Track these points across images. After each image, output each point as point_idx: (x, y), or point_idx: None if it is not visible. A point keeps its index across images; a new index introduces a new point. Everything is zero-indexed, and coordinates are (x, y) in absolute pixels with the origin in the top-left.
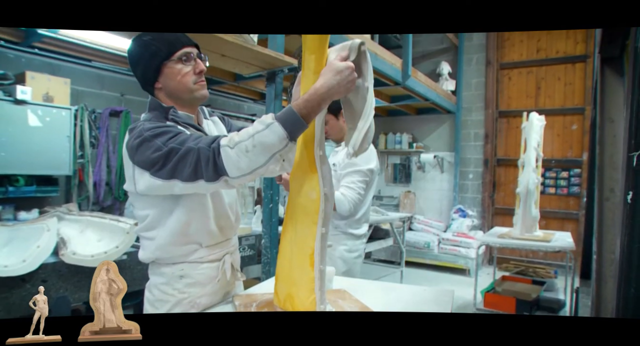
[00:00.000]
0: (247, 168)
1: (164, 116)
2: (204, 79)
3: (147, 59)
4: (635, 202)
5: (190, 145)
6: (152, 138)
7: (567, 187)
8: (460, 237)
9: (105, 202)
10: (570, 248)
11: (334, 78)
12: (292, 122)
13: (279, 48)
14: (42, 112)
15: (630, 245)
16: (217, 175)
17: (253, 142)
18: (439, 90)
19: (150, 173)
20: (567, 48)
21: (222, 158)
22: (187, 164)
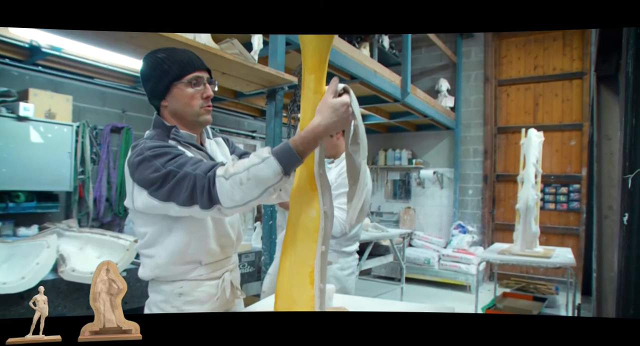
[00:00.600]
0: (240, 200)
1: (166, 134)
2: (210, 104)
3: (157, 76)
4: (631, 224)
5: (188, 170)
6: (151, 158)
7: (567, 203)
8: (460, 253)
9: (105, 218)
10: (571, 264)
11: (331, 116)
12: (287, 157)
13: (279, 66)
14: (44, 129)
15: (628, 265)
16: (211, 203)
17: (248, 174)
18: (437, 107)
19: (148, 192)
20: (563, 65)
21: (216, 188)
22: (183, 189)
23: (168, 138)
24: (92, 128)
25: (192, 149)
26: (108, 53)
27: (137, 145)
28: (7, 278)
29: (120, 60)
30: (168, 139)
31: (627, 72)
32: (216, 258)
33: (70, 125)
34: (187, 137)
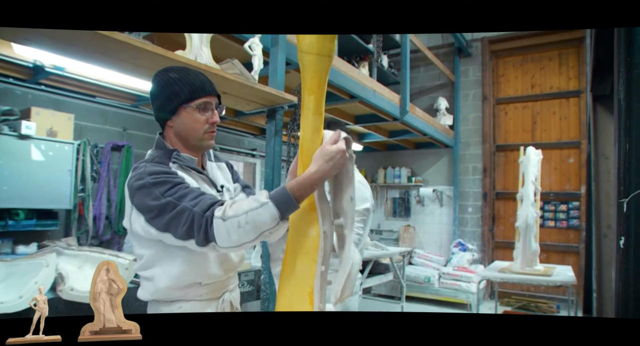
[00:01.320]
0: (236, 242)
1: (167, 157)
2: (215, 129)
3: (166, 96)
4: (627, 247)
5: (187, 204)
6: (151, 186)
7: (567, 220)
8: (460, 271)
9: (104, 236)
10: (571, 283)
11: (327, 164)
12: (284, 203)
13: (279, 86)
14: (45, 147)
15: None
16: (206, 242)
17: (246, 218)
18: (436, 125)
19: (145, 218)
20: (560, 84)
21: (213, 228)
22: (181, 223)
23: (169, 161)
24: (93, 146)
25: (192, 173)
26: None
27: (138, 168)
28: (5, 297)
29: (122, 79)
30: (169, 161)
31: (619, 98)
32: (216, 280)
33: (72, 143)
34: (188, 161)
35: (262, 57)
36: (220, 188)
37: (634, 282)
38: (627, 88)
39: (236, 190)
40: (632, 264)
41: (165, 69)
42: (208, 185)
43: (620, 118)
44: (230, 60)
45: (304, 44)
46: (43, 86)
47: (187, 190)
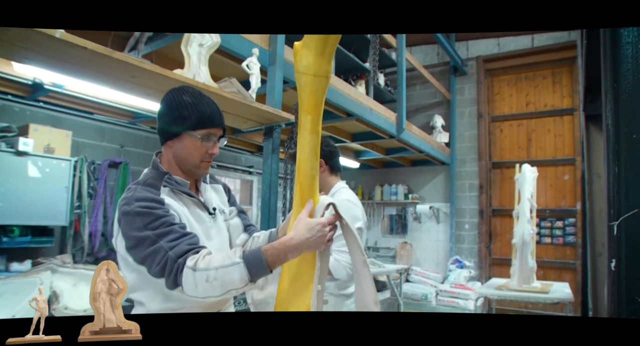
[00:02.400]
0: (201, 294)
1: (160, 178)
2: (212, 160)
3: (173, 118)
4: (618, 270)
5: (164, 245)
6: (135, 215)
7: (563, 237)
8: (458, 288)
9: (100, 253)
10: (568, 300)
11: (305, 234)
12: (256, 266)
13: (277, 104)
14: (42, 163)
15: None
16: (174, 286)
17: (215, 274)
18: (433, 143)
19: (125, 246)
20: (554, 102)
21: (182, 277)
22: (155, 262)
23: (161, 183)
24: (90, 163)
25: (183, 197)
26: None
27: (129, 190)
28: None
29: (120, 97)
30: (161, 184)
31: (607, 124)
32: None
33: (69, 160)
34: (181, 184)
35: (259, 75)
36: (212, 211)
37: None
38: (614, 113)
39: (231, 214)
40: (624, 286)
41: (180, 89)
42: (200, 208)
43: (609, 142)
44: (228, 79)
45: (301, 64)
46: (42, 103)
47: (168, 229)
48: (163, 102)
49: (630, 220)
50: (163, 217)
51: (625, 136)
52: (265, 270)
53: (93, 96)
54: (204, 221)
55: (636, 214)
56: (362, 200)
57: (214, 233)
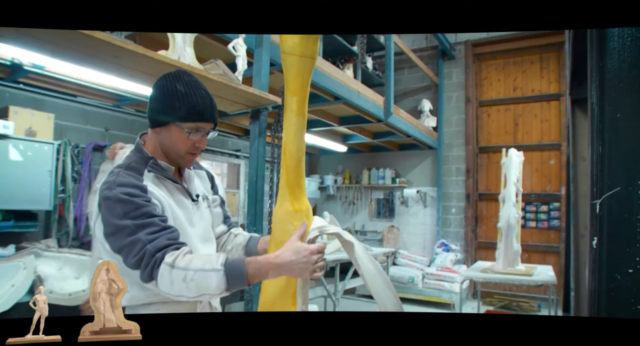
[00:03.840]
0: (175, 292)
1: (144, 163)
2: (197, 153)
3: (163, 106)
4: (600, 247)
5: (142, 237)
6: (116, 202)
7: (548, 221)
8: (444, 271)
9: (85, 238)
10: (552, 282)
11: (290, 256)
12: (236, 277)
13: (264, 86)
14: (23, 147)
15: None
16: (149, 280)
17: (193, 276)
18: (420, 127)
19: (103, 232)
20: (541, 87)
21: (158, 272)
22: (132, 254)
23: (145, 168)
24: (74, 147)
25: (167, 183)
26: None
27: (112, 173)
28: None
29: (103, 79)
30: (145, 169)
31: (592, 103)
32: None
33: (52, 144)
34: (165, 170)
35: (246, 57)
36: (195, 197)
37: (606, 281)
38: (599, 92)
39: (214, 202)
40: (605, 264)
41: (175, 76)
42: (183, 195)
43: (593, 121)
44: (214, 61)
45: (287, 45)
46: (22, 85)
47: (148, 220)
48: (155, 87)
49: (612, 198)
50: (144, 206)
51: (610, 115)
52: (244, 283)
53: (75, 78)
54: (187, 207)
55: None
56: (350, 184)
57: (197, 219)
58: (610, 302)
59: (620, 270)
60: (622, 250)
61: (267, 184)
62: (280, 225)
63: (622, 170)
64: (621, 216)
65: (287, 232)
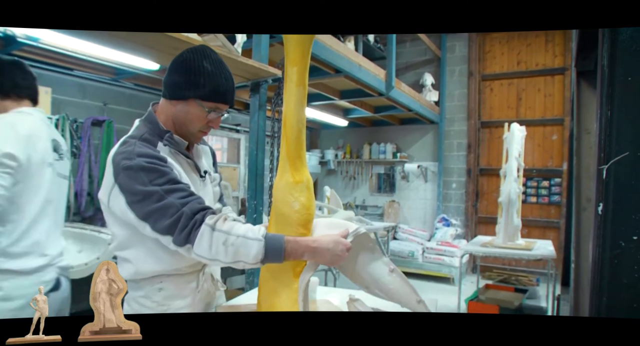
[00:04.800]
0: (213, 255)
1: (158, 136)
2: (208, 132)
3: (187, 81)
4: (605, 214)
5: (174, 201)
6: (139, 170)
7: (548, 196)
8: (444, 245)
9: (86, 213)
10: (551, 257)
11: (328, 244)
12: (274, 250)
13: (263, 59)
14: None
15: (602, 255)
16: (185, 242)
17: (234, 241)
18: (422, 101)
19: (126, 201)
20: (546, 61)
21: (198, 233)
22: (165, 217)
23: (159, 141)
24: (73, 121)
25: (180, 158)
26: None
27: (127, 144)
28: None
29: (101, 52)
30: (159, 141)
31: (602, 65)
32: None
33: (50, 118)
34: (180, 144)
35: None
36: (203, 174)
37: (610, 248)
38: (611, 54)
39: (215, 181)
40: (609, 230)
41: (202, 52)
42: (193, 170)
43: (603, 85)
44: None
45: None
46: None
47: (176, 186)
48: (180, 60)
49: (618, 164)
50: (169, 173)
51: (621, 78)
52: (280, 258)
53: (72, 51)
54: (196, 183)
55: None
56: (350, 159)
57: (203, 195)
58: (613, 269)
59: (624, 237)
60: (628, 217)
61: (267, 158)
62: (281, 196)
63: (631, 134)
64: (627, 182)
65: (288, 204)
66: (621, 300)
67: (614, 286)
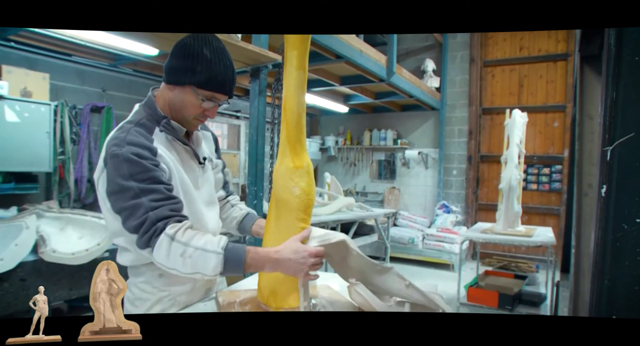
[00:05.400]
0: (170, 264)
1: (155, 121)
2: (205, 120)
3: (184, 67)
4: (608, 196)
5: (146, 202)
6: (123, 161)
7: (549, 183)
8: (444, 232)
9: (87, 199)
10: (551, 243)
11: (289, 254)
12: (234, 263)
13: (263, 44)
14: (20, 108)
15: (604, 237)
16: (145, 247)
17: (192, 253)
18: (423, 87)
19: (106, 190)
20: (549, 46)
21: (157, 241)
22: (133, 218)
23: (157, 126)
24: (72, 108)
25: (176, 145)
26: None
27: (122, 129)
28: None
29: (99, 37)
30: (156, 127)
31: (609, 44)
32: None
33: (48, 104)
34: (177, 131)
35: None
36: (202, 160)
37: (612, 230)
38: (618, 35)
39: (217, 167)
40: (612, 213)
41: (204, 39)
42: (191, 157)
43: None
44: None
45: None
46: (13, 43)
47: (154, 187)
48: (181, 45)
49: (623, 146)
50: (152, 170)
51: (628, 58)
52: (240, 270)
53: (70, 36)
54: (194, 170)
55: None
56: (351, 145)
57: (202, 183)
58: (616, 252)
59: (627, 220)
60: (631, 199)
61: (267, 145)
62: (281, 181)
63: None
64: (631, 164)
65: (288, 189)
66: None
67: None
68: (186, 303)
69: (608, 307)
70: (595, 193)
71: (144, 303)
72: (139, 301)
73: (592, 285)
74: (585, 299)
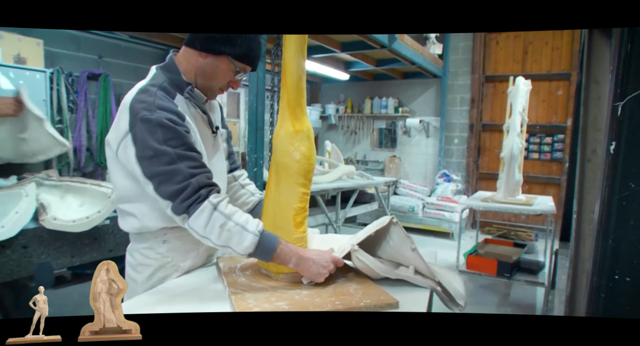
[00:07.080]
0: (206, 233)
1: (178, 87)
2: (225, 91)
3: (226, 38)
4: (617, 154)
5: (184, 168)
6: (157, 126)
7: (551, 153)
8: (444, 201)
9: (86, 168)
10: (551, 212)
11: (312, 257)
12: (265, 249)
13: None
14: (14, 75)
15: (611, 196)
16: (182, 213)
17: (232, 227)
18: (425, 54)
19: (136, 154)
20: None
21: (198, 208)
22: (170, 182)
23: (180, 92)
24: (68, 75)
25: (195, 111)
26: None
27: (147, 92)
28: None
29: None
30: (179, 93)
31: None
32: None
33: (44, 71)
34: (199, 98)
35: None
36: (215, 129)
37: (619, 189)
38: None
39: (223, 136)
40: (620, 171)
41: None
42: (206, 125)
43: None
44: None
45: None
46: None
47: (189, 153)
48: None
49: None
50: (185, 137)
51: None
52: (268, 257)
53: None
54: (208, 138)
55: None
56: (352, 113)
57: (213, 151)
58: (622, 210)
59: (635, 178)
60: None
61: (267, 112)
62: (281, 146)
63: None
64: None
65: (288, 153)
66: (627, 241)
67: (620, 228)
68: (188, 268)
69: (610, 268)
70: (602, 160)
71: (146, 268)
72: (142, 267)
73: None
74: (586, 264)
